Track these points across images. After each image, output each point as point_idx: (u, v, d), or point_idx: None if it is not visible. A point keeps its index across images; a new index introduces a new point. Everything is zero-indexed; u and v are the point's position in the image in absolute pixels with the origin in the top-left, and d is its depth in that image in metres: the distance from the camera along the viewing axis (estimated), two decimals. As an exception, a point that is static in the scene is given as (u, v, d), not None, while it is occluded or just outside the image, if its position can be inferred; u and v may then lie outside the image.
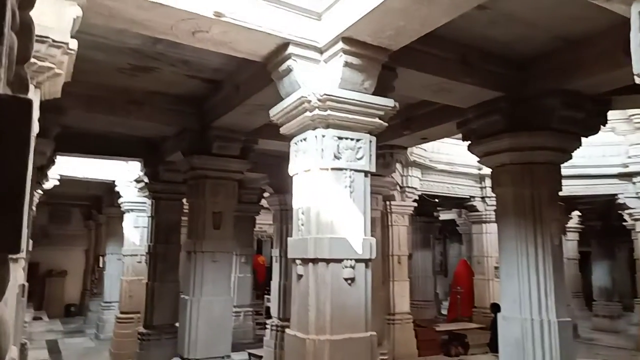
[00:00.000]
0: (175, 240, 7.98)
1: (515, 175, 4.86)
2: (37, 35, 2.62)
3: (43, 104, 5.10)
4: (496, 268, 11.00)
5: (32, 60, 2.60)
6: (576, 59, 4.39)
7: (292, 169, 3.84)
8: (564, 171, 5.05)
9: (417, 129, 6.41)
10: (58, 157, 7.50)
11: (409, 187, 9.60)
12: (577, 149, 5.01)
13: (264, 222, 14.96)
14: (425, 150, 9.78)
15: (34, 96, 2.75)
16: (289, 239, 3.83)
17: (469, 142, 5.44)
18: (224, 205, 6.15)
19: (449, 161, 10.59)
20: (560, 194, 4.95)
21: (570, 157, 5.03)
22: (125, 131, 7.26)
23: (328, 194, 3.48)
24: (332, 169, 3.51)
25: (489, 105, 4.98)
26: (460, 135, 5.77)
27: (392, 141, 6.91)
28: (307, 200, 3.59)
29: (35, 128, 2.86)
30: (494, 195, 5.45)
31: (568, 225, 13.71)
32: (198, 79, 5.61)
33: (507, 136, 4.83)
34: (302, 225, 3.62)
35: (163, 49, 4.75)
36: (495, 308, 8.87)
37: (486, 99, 4.96)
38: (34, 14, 2.79)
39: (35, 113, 2.86)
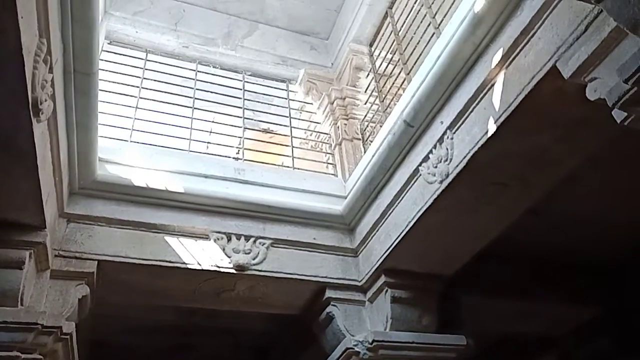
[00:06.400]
0: None
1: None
2: (22, 323, 2.28)
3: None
4: None
5: (15, 353, 2.18)
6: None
7: None
8: None
9: (508, 372, 5.22)
10: None
11: None
12: None
13: None
14: (528, 398, 8.00)
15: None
16: None
17: (581, 379, 4.31)
18: None
19: (564, 408, 8.54)
20: None
21: None
22: None
23: None
24: None
25: (591, 326, 4.12)
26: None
27: (481, 393, 5.62)
28: None
29: None
30: None
31: None
32: (244, 348, 5.01)
33: (631, 364, 3.76)
34: None
35: (200, 321, 4.36)
36: None
37: (584, 319, 4.05)
38: (33, 298, 2.56)
39: None
